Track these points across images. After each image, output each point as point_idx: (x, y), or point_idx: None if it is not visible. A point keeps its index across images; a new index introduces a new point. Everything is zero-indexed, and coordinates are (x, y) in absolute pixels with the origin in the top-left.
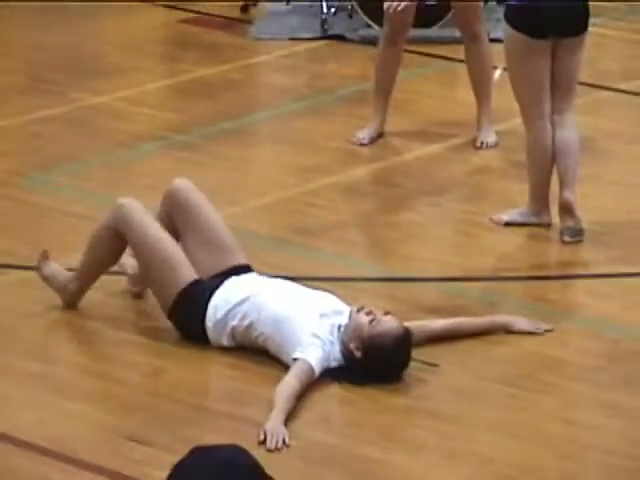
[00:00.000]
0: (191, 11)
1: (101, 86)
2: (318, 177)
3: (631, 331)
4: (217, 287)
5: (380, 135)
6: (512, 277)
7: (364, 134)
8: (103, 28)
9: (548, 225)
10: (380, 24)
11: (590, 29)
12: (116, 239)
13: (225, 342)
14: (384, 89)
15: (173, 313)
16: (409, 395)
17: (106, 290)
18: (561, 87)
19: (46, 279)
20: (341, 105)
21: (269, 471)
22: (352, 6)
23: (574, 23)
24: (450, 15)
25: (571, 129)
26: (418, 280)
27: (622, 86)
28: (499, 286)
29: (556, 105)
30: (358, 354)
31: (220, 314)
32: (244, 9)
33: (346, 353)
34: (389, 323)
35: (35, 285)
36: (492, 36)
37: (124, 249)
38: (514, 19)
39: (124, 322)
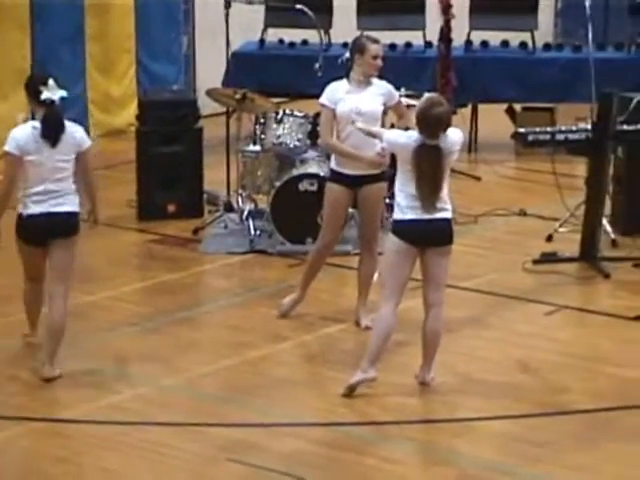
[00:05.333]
0: (157, 233)
1: (91, 289)
2: (248, 351)
3: (475, 462)
4: None
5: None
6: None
7: (287, 303)
8: (93, 247)
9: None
10: (290, 241)
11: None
12: None
13: None
14: (308, 280)
15: None
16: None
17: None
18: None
19: None
20: (264, 299)
21: None
22: (271, 229)
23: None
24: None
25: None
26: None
27: (463, 284)
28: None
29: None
30: None
31: None
32: (195, 232)
33: None
34: None
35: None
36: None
37: None
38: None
39: None
